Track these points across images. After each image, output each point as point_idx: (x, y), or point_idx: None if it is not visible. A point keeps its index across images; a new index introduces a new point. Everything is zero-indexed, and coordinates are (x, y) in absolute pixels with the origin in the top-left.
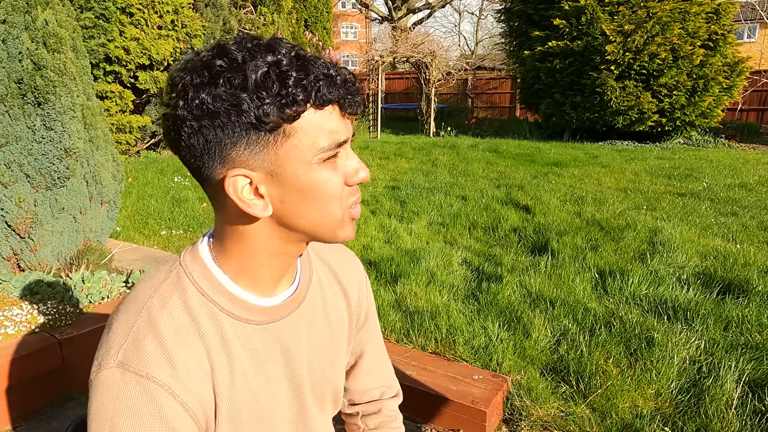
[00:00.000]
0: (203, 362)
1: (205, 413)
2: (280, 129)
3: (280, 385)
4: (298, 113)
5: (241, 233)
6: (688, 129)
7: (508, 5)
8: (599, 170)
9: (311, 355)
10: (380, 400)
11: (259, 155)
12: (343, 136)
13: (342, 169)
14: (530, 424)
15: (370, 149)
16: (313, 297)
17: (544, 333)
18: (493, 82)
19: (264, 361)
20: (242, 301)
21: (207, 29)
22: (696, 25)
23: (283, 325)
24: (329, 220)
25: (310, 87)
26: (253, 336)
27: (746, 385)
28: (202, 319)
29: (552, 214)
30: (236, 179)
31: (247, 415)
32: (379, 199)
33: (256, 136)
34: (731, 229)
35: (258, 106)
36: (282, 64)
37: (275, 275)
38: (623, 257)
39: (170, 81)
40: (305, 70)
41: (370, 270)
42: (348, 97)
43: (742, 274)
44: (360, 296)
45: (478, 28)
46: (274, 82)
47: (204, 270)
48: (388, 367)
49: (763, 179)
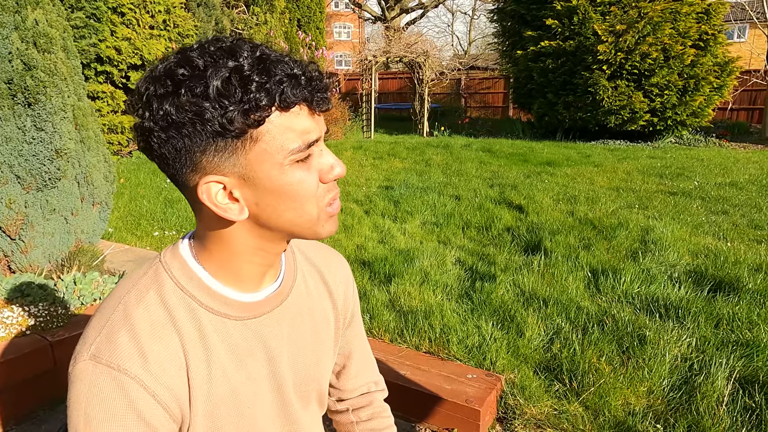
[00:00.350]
0: (178, 356)
1: (179, 405)
2: (247, 134)
3: (261, 383)
4: (263, 118)
5: (221, 235)
6: (679, 128)
7: (501, 5)
8: (592, 169)
9: (294, 352)
10: (369, 393)
11: (229, 161)
12: (315, 135)
13: (316, 167)
14: (524, 422)
15: (363, 149)
16: (298, 295)
17: (537, 332)
18: (486, 81)
19: (245, 357)
20: (221, 296)
21: (199, 29)
22: (687, 25)
23: (264, 322)
24: (306, 219)
25: (274, 90)
26: (233, 331)
27: (737, 382)
28: (179, 314)
29: (545, 213)
30: (209, 185)
31: (226, 411)
32: (372, 199)
33: (224, 142)
34: (722, 227)
35: (221, 114)
36: (243, 69)
37: (258, 272)
38: (615, 256)
39: (136, 91)
40: (267, 73)
41: (364, 270)
42: (316, 95)
43: (732, 272)
44: (346, 296)
45: (471, 28)
46: (236, 88)
47: (183, 266)
48: (374, 363)
49: (753, 178)
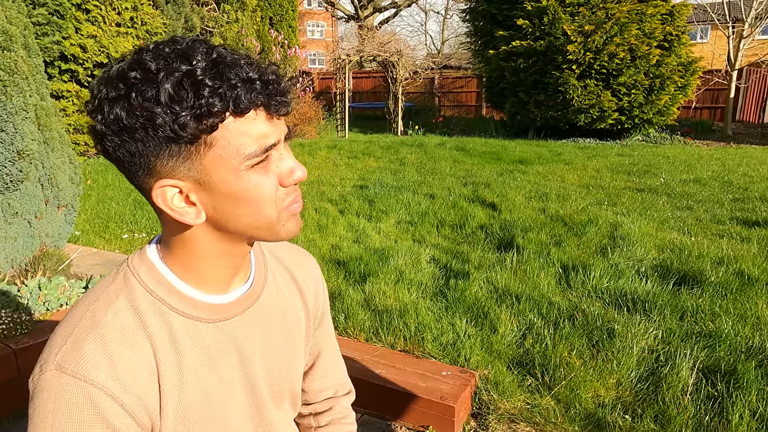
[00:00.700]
0: (149, 362)
1: (148, 413)
2: (201, 139)
3: (235, 384)
4: (216, 123)
5: (183, 237)
6: (646, 126)
7: (473, 5)
8: (563, 167)
9: (267, 353)
10: (333, 398)
11: (183, 165)
12: (273, 140)
13: (275, 171)
14: (497, 417)
15: (338, 148)
16: (269, 296)
17: (510, 328)
18: (459, 81)
19: (217, 359)
20: (191, 299)
21: (168, 27)
22: (652, 26)
23: (236, 323)
24: (265, 222)
25: (228, 95)
26: (205, 334)
27: (700, 372)
28: (150, 318)
29: (517, 210)
30: (164, 189)
31: (198, 415)
32: (347, 198)
33: (177, 147)
34: (686, 222)
35: (173, 120)
36: (196, 73)
37: (226, 274)
38: (585, 252)
39: (90, 92)
40: (221, 77)
41: (339, 270)
42: (274, 99)
43: (696, 266)
44: (317, 296)
45: (444, 27)
46: (188, 92)
47: (152, 269)
48: (342, 365)
49: (715, 174)
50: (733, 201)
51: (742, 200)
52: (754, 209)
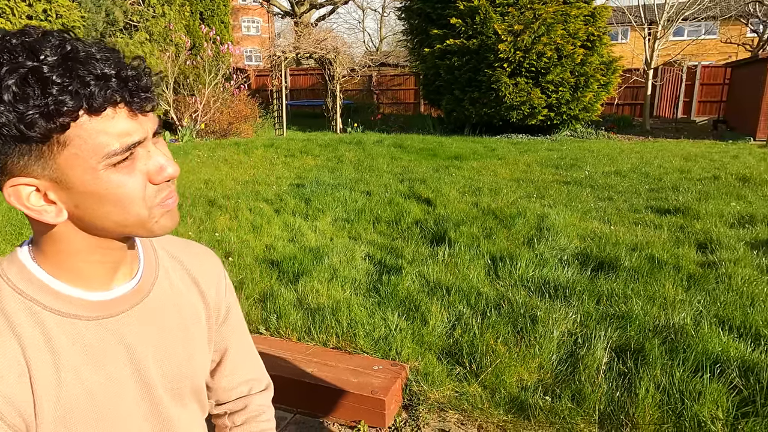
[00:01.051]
0: (18, 362)
1: (20, 414)
2: (53, 139)
3: (125, 383)
4: (68, 122)
5: (52, 236)
6: (573, 122)
7: (408, 3)
8: (496, 162)
9: (162, 350)
10: (248, 395)
11: (37, 164)
12: (138, 137)
13: (143, 169)
14: (428, 407)
15: (275, 147)
16: (161, 292)
17: (440, 319)
18: (397, 78)
19: (101, 357)
20: (67, 296)
21: (87, 20)
22: (576, 26)
23: (123, 320)
24: (135, 220)
25: (80, 92)
26: (86, 332)
27: (613, 351)
28: (19, 319)
29: (451, 205)
30: (17, 188)
31: (81, 415)
32: (283, 197)
33: (27, 147)
34: (607, 212)
35: (18, 119)
36: (43, 69)
37: (103, 269)
38: (514, 243)
39: None
40: (71, 74)
41: (272, 270)
42: (137, 95)
43: (612, 252)
44: (218, 291)
45: (382, 25)
46: (35, 90)
47: (22, 270)
48: (256, 360)
49: (634, 166)
50: (649, 191)
51: (656, 190)
52: (667, 198)
